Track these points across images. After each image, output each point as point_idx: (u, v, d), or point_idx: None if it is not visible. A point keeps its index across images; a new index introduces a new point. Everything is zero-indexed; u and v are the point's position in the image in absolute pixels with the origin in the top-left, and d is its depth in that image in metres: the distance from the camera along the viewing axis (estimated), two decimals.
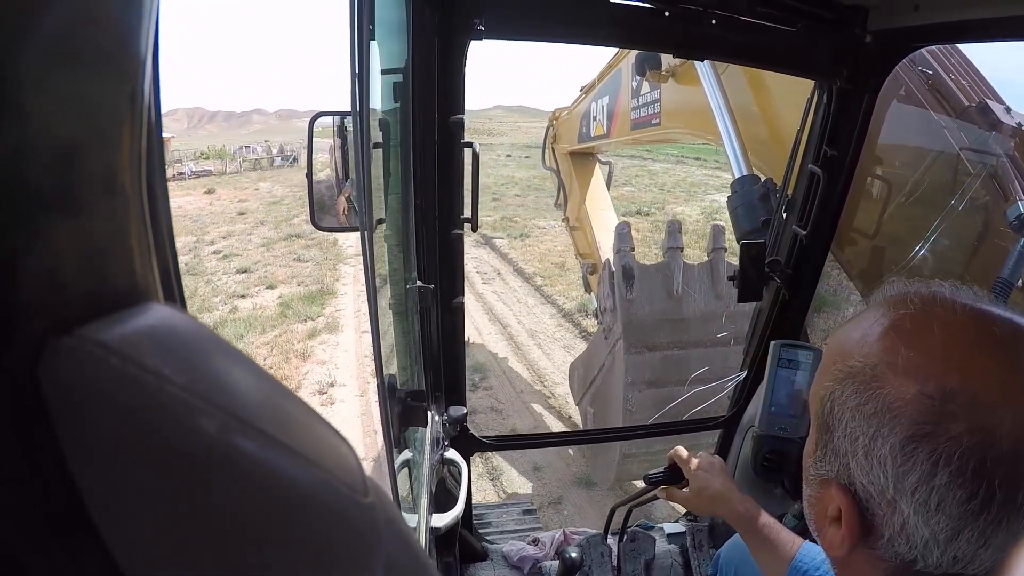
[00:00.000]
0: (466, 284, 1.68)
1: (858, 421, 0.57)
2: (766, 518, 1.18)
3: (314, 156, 1.45)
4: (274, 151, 36.14)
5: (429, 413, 1.49)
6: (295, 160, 34.80)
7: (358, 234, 0.87)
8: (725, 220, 2.55)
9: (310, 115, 1.43)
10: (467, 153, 1.48)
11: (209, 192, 24.79)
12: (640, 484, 1.51)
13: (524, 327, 8.44)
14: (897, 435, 0.54)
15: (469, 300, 6.38)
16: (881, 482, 0.55)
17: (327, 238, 13.83)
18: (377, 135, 1.10)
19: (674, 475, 1.36)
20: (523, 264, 12.11)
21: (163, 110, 0.30)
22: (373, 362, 0.99)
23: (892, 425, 0.54)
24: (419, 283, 1.47)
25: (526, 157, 35.26)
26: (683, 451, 1.35)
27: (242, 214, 19.03)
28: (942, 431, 0.52)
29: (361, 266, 0.89)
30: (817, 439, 0.64)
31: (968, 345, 0.54)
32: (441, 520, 1.37)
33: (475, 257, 12.80)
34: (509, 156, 38.30)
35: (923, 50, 1.90)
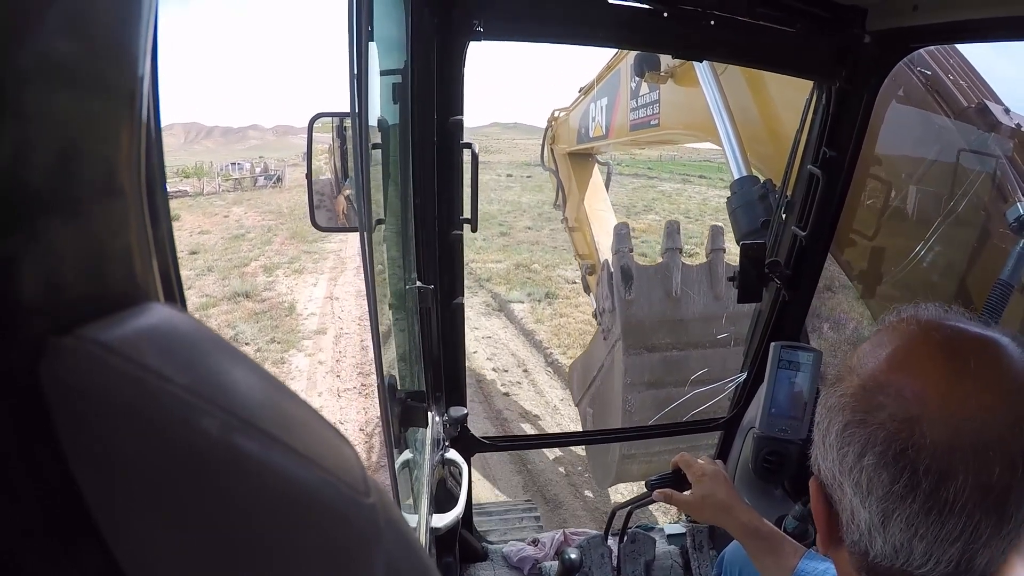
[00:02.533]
0: (480, 393, 1.65)
1: (822, 413, 0.65)
2: (768, 528, 1.18)
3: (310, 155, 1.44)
4: (258, 169, 33.71)
5: (429, 414, 1.49)
6: (279, 179, 32.41)
7: (340, 254, 0.87)
8: (724, 221, 2.55)
9: (305, 131, 1.43)
10: (466, 154, 1.48)
11: (173, 219, 23.23)
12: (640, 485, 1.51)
13: (583, 500, 4.86)
14: (840, 422, 0.61)
15: (482, 423, 5.83)
16: (831, 465, 0.62)
17: (282, 301, 11.39)
18: (376, 136, 1.10)
19: (678, 480, 1.35)
20: (556, 349, 8.27)
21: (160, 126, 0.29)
22: (374, 363, 0.99)
23: (839, 413, 0.62)
24: (419, 283, 1.47)
25: (528, 177, 33.08)
26: (689, 457, 1.35)
27: (194, 253, 15.60)
28: (871, 418, 0.58)
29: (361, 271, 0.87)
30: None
31: (910, 348, 0.61)
32: (441, 520, 1.37)
33: (488, 336, 9.15)
34: (510, 176, 35.75)
35: (922, 51, 1.90)
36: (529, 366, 7.94)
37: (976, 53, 2.07)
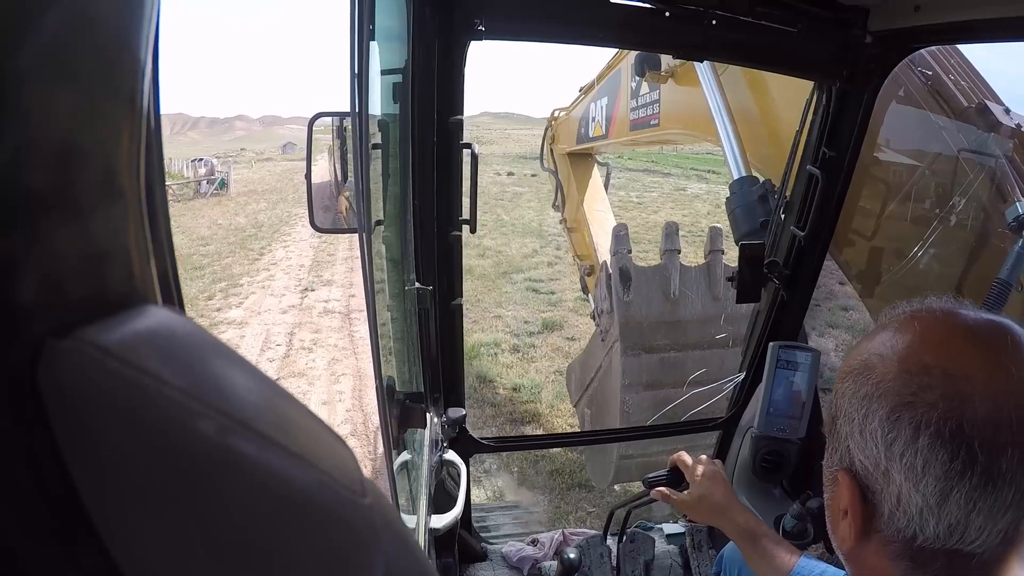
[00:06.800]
0: None
1: (854, 405, 0.64)
2: (764, 530, 1.18)
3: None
4: (202, 171, 25.21)
5: (428, 415, 1.49)
6: (223, 184, 24.34)
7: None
8: (723, 222, 2.55)
9: (293, 121, 1.42)
10: (466, 154, 1.48)
11: None
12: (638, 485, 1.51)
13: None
14: (884, 408, 0.61)
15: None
16: (874, 454, 0.62)
17: None
18: (376, 136, 1.10)
19: (675, 479, 1.35)
20: None
21: None
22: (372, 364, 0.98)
23: (880, 400, 0.61)
24: (418, 284, 1.47)
25: (532, 175, 23.69)
26: (686, 456, 1.35)
27: None
28: (920, 400, 0.58)
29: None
30: (828, 440, 0.70)
31: (943, 331, 0.63)
32: (440, 521, 1.37)
33: None
34: (511, 174, 27.00)
35: (923, 51, 1.90)
36: None
37: (976, 53, 2.07)
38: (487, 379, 6.72)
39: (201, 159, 27.32)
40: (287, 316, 8.90)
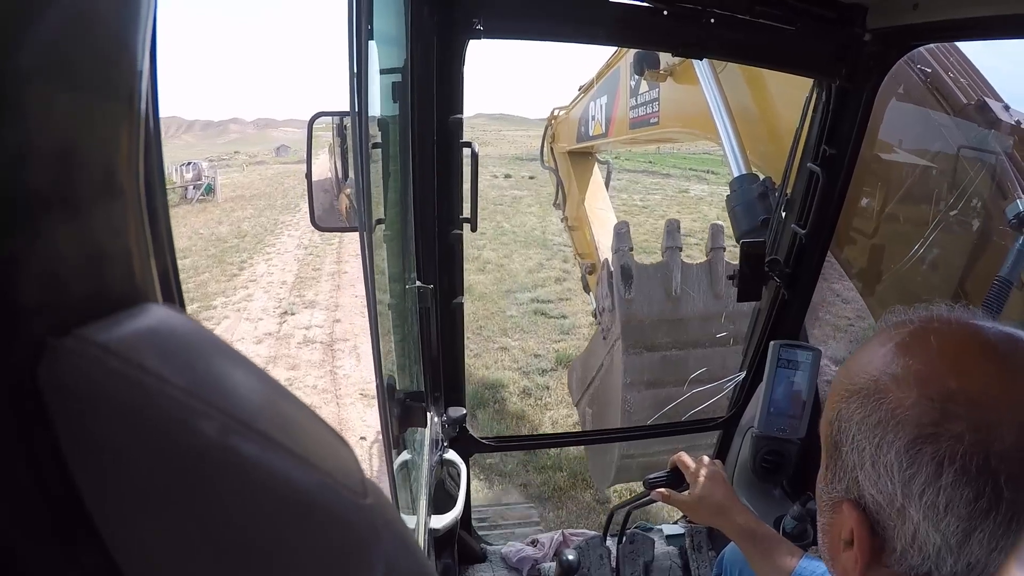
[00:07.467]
0: None
1: (864, 432, 0.58)
2: (765, 530, 1.18)
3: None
4: (188, 175, 24.08)
5: (428, 414, 1.49)
6: (210, 189, 23.37)
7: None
8: (724, 220, 2.55)
9: (288, 124, 1.42)
10: (466, 153, 1.48)
11: None
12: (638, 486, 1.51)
13: None
14: (902, 439, 0.55)
15: None
16: (889, 490, 0.56)
17: None
18: (376, 135, 1.10)
19: (675, 479, 1.35)
20: None
21: None
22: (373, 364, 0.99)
23: (896, 430, 0.55)
24: (418, 283, 1.47)
25: (530, 177, 24.37)
26: (687, 457, 1.35)
27: None
28: (944, 431, 0.53)
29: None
30: (827, 462, 0.65)
31: (963, 350, 0.56)
32: (440, 521, 1.37)
33: None
34: (508, 176, 26.20)
35: (922, 48, 1.90)
36: None
37: (976, 50, 2.07)
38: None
39: (191, 163, 25.99)
40: (261, 347, 7.66)
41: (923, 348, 0.57)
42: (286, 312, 9.09)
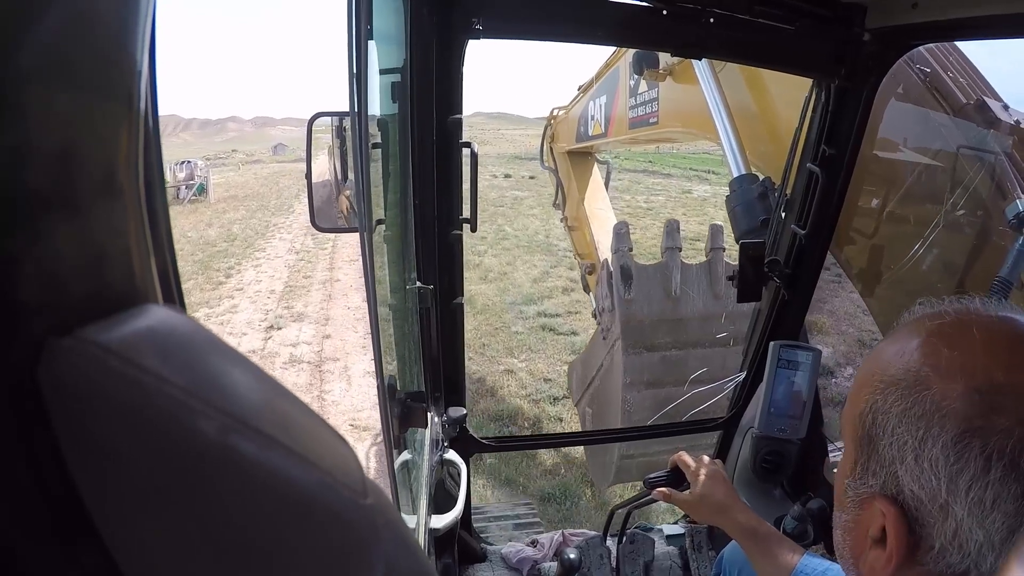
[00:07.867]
0: None
1: (905, 425, 0.56)
2: (767, 529, 1.18)
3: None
4: (181, 175, 23.40)
5: (429, 414, 1.49)
6: (202, 189, 22.82)
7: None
8: (724, 220, 2.54)
9: (285, 123, 1.42)
10: (466, 153, 1.48)
11: None
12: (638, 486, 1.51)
13: None
14: (948, 433, 0.53)
15: None
16: (933, 485, 0.54)
17: None
18: (376, 135, 1.10)
19: (676, 479, 1.35)
20: None
21: None
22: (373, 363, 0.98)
23: (942, 424, 0.54)
24: (418, 283, 1.47)
25: (531, 177, 23.61)
26: (687, 456, 1.35)
27: None
28: (993, 425, 0.51)
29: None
30: (856, 457, 0.63)
31: (1008, 343, 0.55)
32: (440, 521, 1.37)
33: None
34: (508, 176, 25.67)
35: (921, 48, 1.90)
36: None
37: (976, 49, 2.07)
38: (508, 481, 4.73)
39: (185, 162, 24.97)
40: None
41: (966, 340, 0.56)
42: (272, 326, 8.51)
